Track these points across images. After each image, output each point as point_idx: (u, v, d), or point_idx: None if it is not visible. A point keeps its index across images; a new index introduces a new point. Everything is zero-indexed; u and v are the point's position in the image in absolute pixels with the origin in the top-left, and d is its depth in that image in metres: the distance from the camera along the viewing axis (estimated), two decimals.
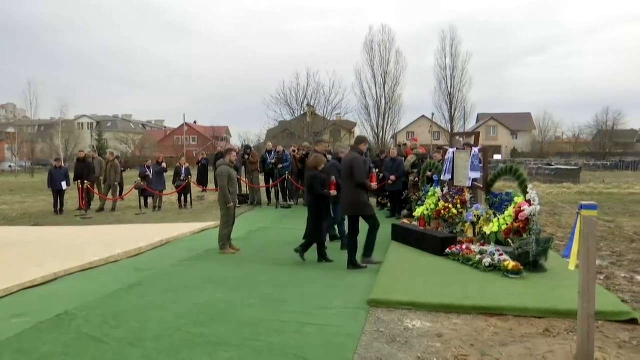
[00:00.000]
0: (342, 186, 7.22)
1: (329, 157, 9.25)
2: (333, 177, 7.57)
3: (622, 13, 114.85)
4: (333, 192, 7.43)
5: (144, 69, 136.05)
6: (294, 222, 11.86)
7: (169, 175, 16.66)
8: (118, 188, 15.40)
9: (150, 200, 15.00)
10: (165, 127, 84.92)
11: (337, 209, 8.21)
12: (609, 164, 48.11)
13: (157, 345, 4.23)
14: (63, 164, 15.97)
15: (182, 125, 63.42)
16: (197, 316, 4.96)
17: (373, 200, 11.04)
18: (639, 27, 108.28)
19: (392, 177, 11.89)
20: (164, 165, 15.23)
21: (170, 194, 16.75)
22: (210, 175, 17.36)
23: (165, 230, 10.16)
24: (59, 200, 14.30)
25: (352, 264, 6.92)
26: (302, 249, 7.43)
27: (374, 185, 7.13)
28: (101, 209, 14.44)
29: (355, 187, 6.85)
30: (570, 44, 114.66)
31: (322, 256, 7.41)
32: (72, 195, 16.42)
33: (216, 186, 8.53)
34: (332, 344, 4.23)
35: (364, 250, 7.10)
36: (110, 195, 14.92)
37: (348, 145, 14.94)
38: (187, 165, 15.68)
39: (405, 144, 15.26)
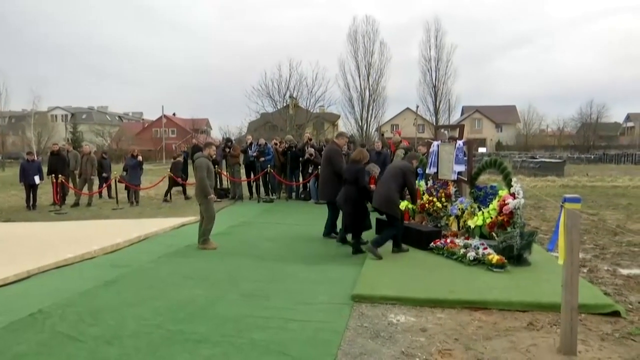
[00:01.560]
0: (382, 180, 7.52)
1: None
2: (375, 171, 8.11)
3: (604, 6, 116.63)
4: (373, 187, 7.75)
5: (122, 60, 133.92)
6: (276, 216, 11.85)
7: (150, 168, 16.50)
8: (95, 182, 15.20)
9: (130, 194, 14.86)
10: (143, 120, 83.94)
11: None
12: (592, 157, 48.88)
13: (136, 343, 4.20)
14: (36, 158, 15.68)
15: (160, 118, 62.83)
16: (176, 313, 4.94)
17: None
18: (621, 20, 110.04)
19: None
20: (139, 158, 15.03)
21: (148, 187, 16.60)
22: (190, 169, 17.20)
23: (144, 226, 10.07)
24: (31, 195, 14.06)
25: (397, 247, 7.39)
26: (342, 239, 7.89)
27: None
28: (76, 204, 14.24)
29: (395, 189, 7.27)
30: (554, 36, 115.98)
31: (357, 250, 7.51)
32: (45, 190, 16.16)
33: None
34: (315, 340, 4.25)
35: (374, 239, 7.22)
36: (85, 190, 14.72)
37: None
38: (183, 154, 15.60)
39: (382, 134, 15.35)
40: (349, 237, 7.81)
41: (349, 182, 7.53)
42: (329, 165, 8.58)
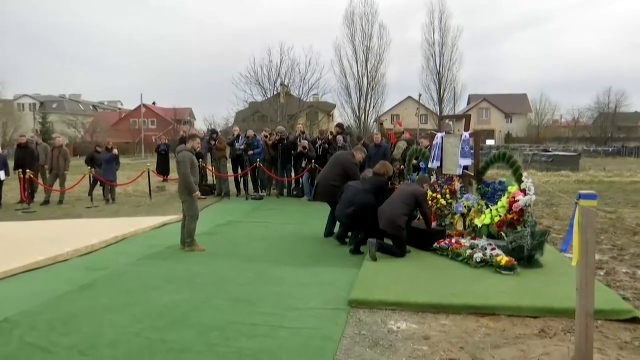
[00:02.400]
0: (391, 200, 7.56)
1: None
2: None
3: None
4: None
5: (96, 43, 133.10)
6: (266, 215, 11.85)
7: (128, 163, 16.46)
8: (66, 178, 15.13)
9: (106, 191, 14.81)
10: (120, 109, 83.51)
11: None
12: (610, 150, 49.08)
13: (113, 353, 4.20)
14: (1, 151, 15.58)
15: (139, 107, 62.52)
16: (157, 320, 4.94)
17: None
18: None
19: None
20: (115, 151, 14.94)
21: (126, 184, 16.55)
22: (172, 164, 17.16)
23: (121, 226, 10.05)
24: None
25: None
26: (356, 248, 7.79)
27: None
28: (46, 202, 14.18)
29: (405, 212, 7.33)
30: (569, 17, 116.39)
31: (356, 249, 7.72)
32: (11, 187, 16.07)
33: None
34: (308, 349, 4.26)
35: (381, 243, 7.29)
36: (57, 186, 14.65)
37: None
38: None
39: (382, 123, 15.33)
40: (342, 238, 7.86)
41: (368, 192, 7.75)
42: (339, 171, 8.75)
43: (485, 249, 6.78)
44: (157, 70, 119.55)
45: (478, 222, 7.54)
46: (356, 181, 8.49)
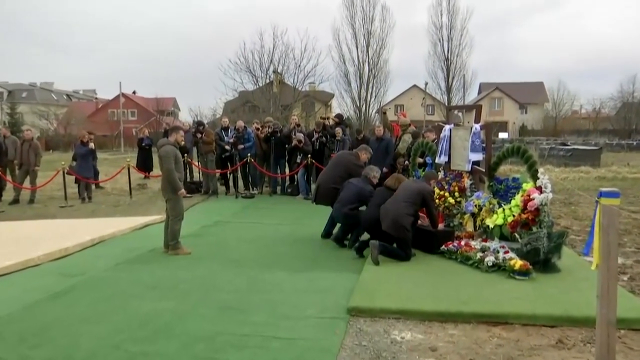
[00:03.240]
0: (394, 199, 7.56)
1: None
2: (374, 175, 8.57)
3: None
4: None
5: (70, 26, 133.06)
6: (258, 214, 11.85)
7: (105, 157, 16.43)
8: (37, 174, 15.10)
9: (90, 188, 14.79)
10: (96, 99, 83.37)
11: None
12: (635, 143, 49.03)
13: None
14: None
15: (117, 96, 62.36)
16: (138, 330, 4.94)
17: None
18: None
19: (385, 169, 11.92)
20: (91, 145, 14.90)
21: (103, 181, 16.52)
22: (155, 159, 17.15)
23: (98, 227, 10.03)
24: None
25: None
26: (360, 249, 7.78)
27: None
28: (16, 201, 14.14)
29: (410, 213, 7.34)
30: None
31: (360, 250, 7.74)
32: None
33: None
34: None
35: (384, 245, 7.30)
36: (27, 184, 14.62)
37: (321, 119, 14.91)
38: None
39: (384, 113, 15.26)
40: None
41: (377, 205, 7.76)
42: (341, 173, 8.82)
43: (498, 251, 6.79)
44: (137, 56, 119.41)
45: (489, 222, 7.55)
46: (357, 178, 8.51)
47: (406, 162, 11.64)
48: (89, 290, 6.29)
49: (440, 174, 9.19)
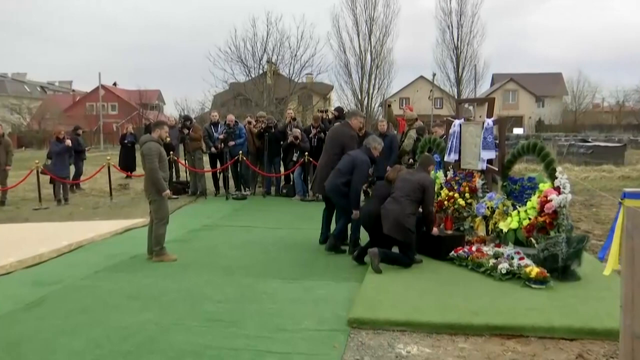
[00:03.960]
0: (394, 197, 7.47)
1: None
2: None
3: None
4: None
5: (45, 12, 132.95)
6: (250, 217, 11.85)
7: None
8: (8, 174, 15.08)
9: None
10: (74, 91, 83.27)
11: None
12: None
13: None
14: None
15: (96, 89, 62.30)
16: (119, 344, 4.93)
17: None
18: None
19: (389, 168, 11.91)
20: (67, 142, 14.85)
21: (81, 180, 16.49)
22: (138, 157, 17.15)
23: (76, 231, 10.02)
24: None
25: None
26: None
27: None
28: None
29: (410, 210, 7.28)
30: None
31: (359, 257, 7.73)
32: None
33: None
34: None
35: (385, 252, 7.31)
36: None
37: (319, 113, 14.89)
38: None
39: (389, 105, 15.20)
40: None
41: (378, 198, 7.78)
42: (338, 150, 8.70)
43: (512, 258, 6.79)
44: (118, 44, 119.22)
45: (503, 226, 7.56)
46: (357, 150, 8.47)
47: (411, 160, 11.64)
48: (65, 300, 6.28)
49: (450, 174, 9.20)
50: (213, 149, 14.91)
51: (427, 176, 7.69)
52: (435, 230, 7.74)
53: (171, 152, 14.39)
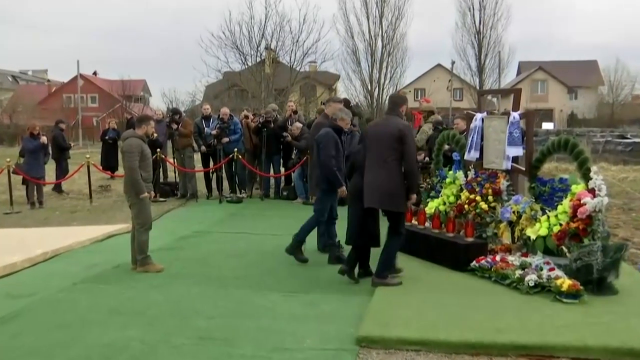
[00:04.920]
0: (368, 166, 7.29)
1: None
2: None
3: None
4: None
5: None
6: (246, 223, 11.86)
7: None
8: None
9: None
10: (49, 81, 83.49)
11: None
12: None
13: None
14: None
15: (75, 78, 62.46)
16: None
17: None
18: None
19: None
20: (43, 139, 14.87)
21: (58, 182, 16.51)
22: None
23: (52, 238, 10.03)
24: None
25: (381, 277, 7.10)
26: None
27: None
28: None
29: (396, 171, 7.05)
30: None
31: (349, 270, 7.54)
32: None
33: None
34: None
35: (378, 269, 7.15)
36: None
37: (322, 105, 14.86)
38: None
39: (403, 96, 15.13)
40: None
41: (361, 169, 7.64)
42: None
43: (541, 268, 6.78)
44: (99, 29, 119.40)
45: (531, 232, 7.54)
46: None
47: (426, 158, 11.61)
48: (40, 315, 6.29)
49: (471, 174, 9.18)
50: (203, 148, 14.92)
51: (400, 122, 7.21)
52: (413, 197, 7.26)
53: (158, 150, 14.39)
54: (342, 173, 8.22)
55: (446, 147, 10.46)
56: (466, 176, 9.27)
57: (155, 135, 13.42)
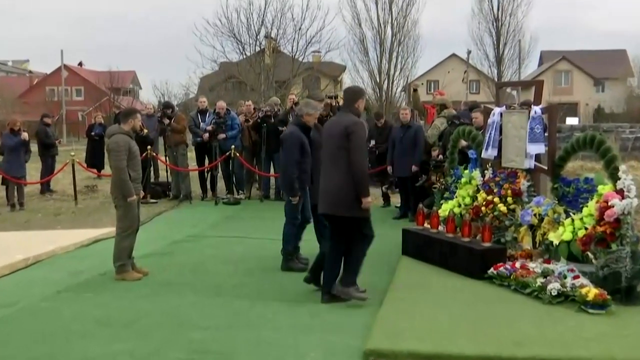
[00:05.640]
0: (322, 168, 7.18)
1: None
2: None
3: None
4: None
5: None
6: (245, 226, 11.86)
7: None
8: None
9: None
10: (30, 72, 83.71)
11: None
12: None
13: None
14: None
15: (58, 69, 62.55)
16: None
17: (374, 191, 11.04)
18: None
19: (414, 167, 11.90)
20: (24, 135, 14.87)
21: (41, 182, 16.52)
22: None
23: (34, 242, 10.06)
24: None
25: (330, 294, 6.93)
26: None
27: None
28: None
29: (346, 172, 6.80)
30: None
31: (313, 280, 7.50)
32: None
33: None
34: None
35: (343, 276, 7.01)
36: None
37: (328, 99, 14.88)
38: None
39: (415, 90, 15.00)
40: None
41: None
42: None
43: (565, 276, 6.78)
44: (84, 16, 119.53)
45: (553, 237, 7.53)
46: None
47: (440, 155, 11.59)
48: (20, 327, 6.30)
49: (488, 173, 9.18)
50: (199, 139, 14.87)
51: (349, 118, 7.06)
52: (368, 201, 6.87)
53: (149, 147, 14.39)
54: (308, 175, 8.22)
55: (463, 143, 10.44)
56: (483, 176, 9.28)
57: (146, 131, 13.42)
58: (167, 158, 15.57)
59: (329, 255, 7.05)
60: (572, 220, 7.38)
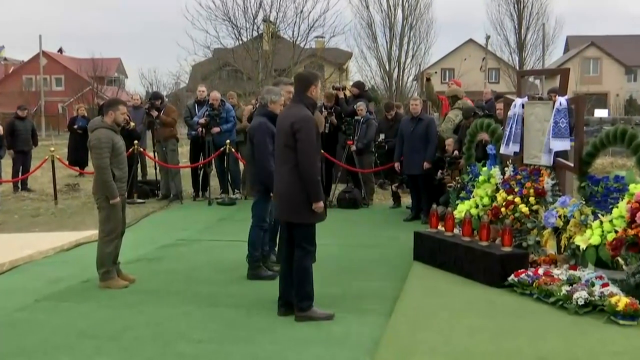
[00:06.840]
0: (275, 167, 7.12)
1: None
2: None
3: None
4: None
5: None
6: (240, 229, 11.80)
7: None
8: None
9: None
10: (5, 60, 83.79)
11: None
12: None
13: None
14: None
15: (36, 57, 62.61)
16: None
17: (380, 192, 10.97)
18: None
19: (426, 164, 11.85)
20: None
21: (15, 180, 16.54)
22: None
23: (9, 247, 10.06)
24: None
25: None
26: None
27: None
28: None
29: (295, 173, 6.64)
30: None
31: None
32: None
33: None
34: None
35: (296, 302, 6.76)
36: None
37: (335, 90, 14.86)
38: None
39: (428, 79, 14.91)
40: None
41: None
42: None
43: (593, 284, 6.77)
44: None
45: (580, 241, 7.52)
46: None
47: (455, 151, 11.57)
48: None
49: (509, 171, 9.17)
50: (194, 132, 14.87)
51: (298, 111, 6.79)
52: (319, 206, 6.65)
53: (135, 142, 14.39)
54: None
55: (485, 136, 10.41)
56: (503, 174, 9.28)
57: (132, 124, 13.43)
58: (155, 154, 15.54)
59: (297, 268, 6.79)
60: (601, 222, 7.37)
